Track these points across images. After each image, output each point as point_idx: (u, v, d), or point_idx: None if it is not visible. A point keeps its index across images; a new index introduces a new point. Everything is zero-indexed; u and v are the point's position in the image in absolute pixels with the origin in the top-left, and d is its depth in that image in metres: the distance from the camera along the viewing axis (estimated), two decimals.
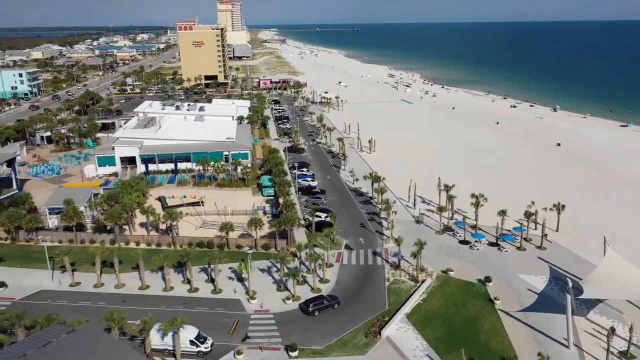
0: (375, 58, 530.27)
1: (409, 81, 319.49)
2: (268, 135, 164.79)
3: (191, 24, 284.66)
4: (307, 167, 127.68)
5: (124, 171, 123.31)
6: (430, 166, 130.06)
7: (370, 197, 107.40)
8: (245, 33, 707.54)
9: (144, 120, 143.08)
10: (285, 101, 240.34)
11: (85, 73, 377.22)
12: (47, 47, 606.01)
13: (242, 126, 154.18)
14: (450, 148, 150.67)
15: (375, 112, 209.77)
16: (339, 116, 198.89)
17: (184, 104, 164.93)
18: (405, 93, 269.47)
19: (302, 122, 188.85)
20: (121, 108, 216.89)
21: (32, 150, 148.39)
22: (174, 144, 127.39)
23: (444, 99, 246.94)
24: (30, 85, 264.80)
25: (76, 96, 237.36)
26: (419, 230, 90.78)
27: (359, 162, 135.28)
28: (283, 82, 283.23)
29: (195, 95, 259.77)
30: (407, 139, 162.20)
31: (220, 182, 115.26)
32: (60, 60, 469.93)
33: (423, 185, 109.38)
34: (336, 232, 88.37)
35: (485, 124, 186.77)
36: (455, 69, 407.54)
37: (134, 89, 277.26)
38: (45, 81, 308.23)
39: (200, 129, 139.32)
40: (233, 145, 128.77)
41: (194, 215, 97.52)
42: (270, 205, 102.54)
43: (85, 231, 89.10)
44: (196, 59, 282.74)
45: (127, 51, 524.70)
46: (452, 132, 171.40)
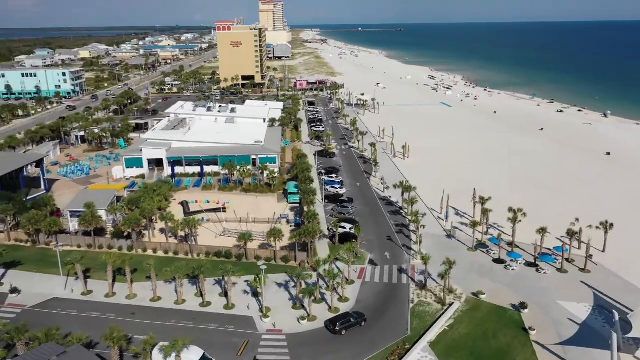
0: (417, 59, 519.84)
1: (450, 83, 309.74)
2: (299, 138, 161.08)
3: (230, 24, 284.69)
4: (336, 173, 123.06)
5: (150, 173, 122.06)
6: (466, 174, 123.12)
7: (400, 207, 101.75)
8: (286, 33, 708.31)
9: (174, 121, 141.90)
10: (320, 103, 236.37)
11: (127, 72, 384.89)
12: (95, 47, 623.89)
13: (273, 129, 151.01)
14: (489, 155, 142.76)
15: (412, 116, 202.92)
16: (375, 119, 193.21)
17: (216, 105, 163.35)
18: (445, 96, 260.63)
19: (336, 125, 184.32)
20: (158, 108, 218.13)
21: (67, 150, 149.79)
22: (201, 147, 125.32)
23: (486, 103, 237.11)
24: (73, 84, 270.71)
25: (116, 95, 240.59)
26: (450, 246, 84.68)
27: (391, 168, 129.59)
28: (320, 83, 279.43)
29: (232, 95, 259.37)
30: (443, 144, 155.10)
31: (245, 187, 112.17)
32: (105, 59, 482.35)
33: (458, 195, 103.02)
34: (360, 245, 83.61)
35: (528, 130, 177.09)
36: (499, 71, 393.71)
37: (172, 88, 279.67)
38: (88, 80, 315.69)
39: (230, 132, 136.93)
40: (261, 149, 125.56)
41: (215, 222, 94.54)
42: (294, 213, 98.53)
43: (104, 236, 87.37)
44: (234, 59, 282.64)
45: (170, 51, 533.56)
46: (492, 138, 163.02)
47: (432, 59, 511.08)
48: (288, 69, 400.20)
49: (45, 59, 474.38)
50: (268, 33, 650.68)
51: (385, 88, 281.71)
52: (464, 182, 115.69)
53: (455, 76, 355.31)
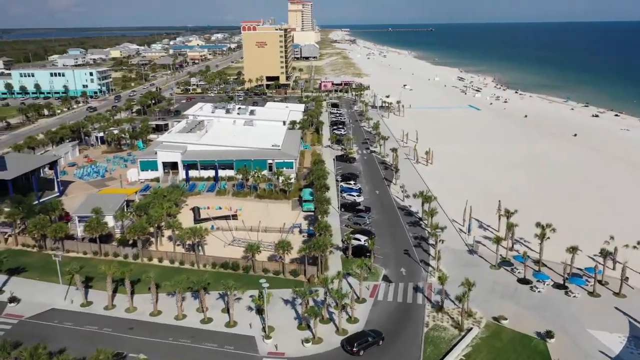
0: (447, 60, 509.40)
1: (479, 85, 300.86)
2: (320, 141, 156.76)
3: (255, 24, 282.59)
4: (355, 180, 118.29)
5: (165, 176, 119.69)
6: (492, 183, 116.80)
7: (420, 218, 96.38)
8: (314, 33, 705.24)
9: (192, 123, 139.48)
10: (344, 104, 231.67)
11: (155, 72, 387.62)
12: (125, 47, 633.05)
13: (292, 132, 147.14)
14: (518, 163, 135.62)
15: (439, 119, 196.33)
16: (399, 122, 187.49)
17: (235, 107, 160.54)
18: (474, 98, 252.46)
19: (359, 128, 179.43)
20: (181, 108, 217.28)
21: (86, 151, 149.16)
22: (217, 150, 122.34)
23: (516, 106, 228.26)
24: (99, 84, 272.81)
25: (140, 95, 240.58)
26: (471, 263, 79.07)
27: (413, 175, 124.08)
28: (345, 85, 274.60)
29: (255, 96, 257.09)
30: (469, 150, 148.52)
31: (260, 193, 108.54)
32: (135, 59, 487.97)
33: (482, 206, 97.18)
34: (375, 259, 78.82)
35: (561, 136, 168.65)
36: (532, 72, 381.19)
37: (196, 89, 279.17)
38: (115, 80, 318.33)
39: (247, 135, 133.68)
40: (278, 153, 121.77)
41: (225, 230, 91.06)
42: (308, 222, 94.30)
43: (111, 243, 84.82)
44: (259, 59, 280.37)
45: (198, 51, 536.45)
46: (521, 144, 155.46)
47: (462, 60, 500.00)
48: (314, 70, 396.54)
49: (77, 59, 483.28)
50: (296, 33, 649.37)
51: (412, 90, 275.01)
52: (489, 192, 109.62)
53: (486, 78, 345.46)
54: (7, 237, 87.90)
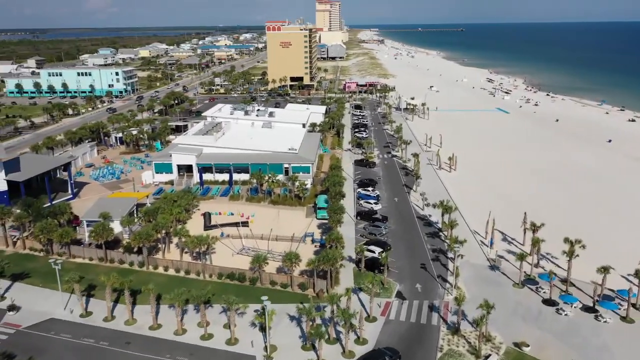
0: (476, 60, 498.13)
1: (509, 87, 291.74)
2: (340, 145, 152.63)
3: (280, 24, 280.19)
4: (373, 186, 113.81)
5: (180, 179, 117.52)
6: (518, 193, 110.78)
7: (440, 229, 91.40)
8: (341, 33, 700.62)
9: (209, 125, 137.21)
10: (368, 106, 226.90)
11: (181, 72, 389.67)
12: (154, 46, 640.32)
13: (311, 135, 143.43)
14: (547, 171, 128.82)
15: (465, 122, 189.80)
16: (423, 126, 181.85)
17: (255, 108, 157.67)
18: (503, 101, 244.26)
19: (381, 131, 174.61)
20: (203, 109, 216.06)
21: (104, 152, 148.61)
22: (232, 153, 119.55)
23: (547, 109, 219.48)
24: (125, 83, 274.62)
25: (163, 96, 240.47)
26: (493, 280, 73.89)
27: (435, 182, 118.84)
28: (370, 86, 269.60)
29: (279, 97, 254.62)
30: (495, 156, 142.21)
31: (274, 199, 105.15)
32: (162, 59, 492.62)
33: (507, 218, 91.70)
34: (389, 274, 74.48)
35: (594, 142, 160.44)
36: (564, 74, 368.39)
37: (219, 89, 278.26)
38: (141, 80, 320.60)
39: (265, 137, 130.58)
40: (294, 157, 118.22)
41: (234, 238, 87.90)
42: (322, 231, 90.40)
43: (118, 249, 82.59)
44: (283, 59, 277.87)
45: (225, 50, 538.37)
46: (551, 151, 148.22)
47: (492, 61, 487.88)
48: (340, 70, 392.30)
49: (107, 58, 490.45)
50: (323, 33, 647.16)
51: (438, 91, 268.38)
52: (515, 201, 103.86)
53: (516, 79, 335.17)
54: (15, 241, 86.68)
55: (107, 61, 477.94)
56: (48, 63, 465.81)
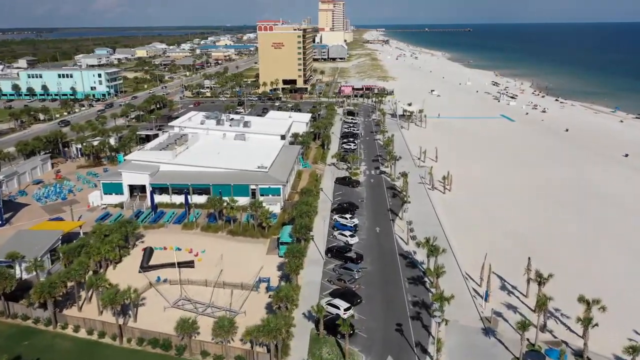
0: (482, 62, 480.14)
1: (515, 91, 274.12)
2: (324, 158, 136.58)
3: (272, 24, 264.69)
4: (353, 212, 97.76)
5: (131, 202, 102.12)
6: (523, 222, 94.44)
7: (424, 273, 75.26)
8: (343, 33, 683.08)
9: (173, 137, 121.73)
10: (362, 112, 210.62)
11: (174, 73, 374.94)
12: (153, 46, 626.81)
13: (290, 148, 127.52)
14: (557, 192, 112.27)
15: (465, 132, 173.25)
16: (419, 135, 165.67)
17: (229, 116, 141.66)
18: (508, 107, 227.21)
19: (372, 142, 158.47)
20: (196, 111, 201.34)
21: (60, 165, 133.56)
22: (192, 172, 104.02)
23: (556, 116, 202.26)
24: (108, 86, 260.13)
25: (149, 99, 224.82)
26: (486, 352, 57.71)
27: (426, 206, 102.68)
28: (366, 89, 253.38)
29: (269, 101, 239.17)
30: (497, 173, 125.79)
31: (234, 229, 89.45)
32: (158, 59, 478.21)
33: (507, 257, 75.96)
34: (354, 337, 58.58)
35: (609, 156, 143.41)
36: (574, 77, 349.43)
37: (206, 92, 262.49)
38: (128, 82, 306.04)
39: (234, 152, 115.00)
40: (263, 177, 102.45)
41: (173, 283, 72.25)
42: (281, 274, 74.59)
43: (20, 302, 66.90)
44: (275, 61, 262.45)
45: (222, 51, 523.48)
46: (562, 167, 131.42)
47: (499, 62, 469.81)
48: (339, 72, 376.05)
49: (101, 58, 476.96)
50: (324, 33, 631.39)
51: (439, 96, 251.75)
52: (519, 235, 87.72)
53: (522, 83, 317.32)
54: None
55: (100, 61, 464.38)
56: (42, 63, 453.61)
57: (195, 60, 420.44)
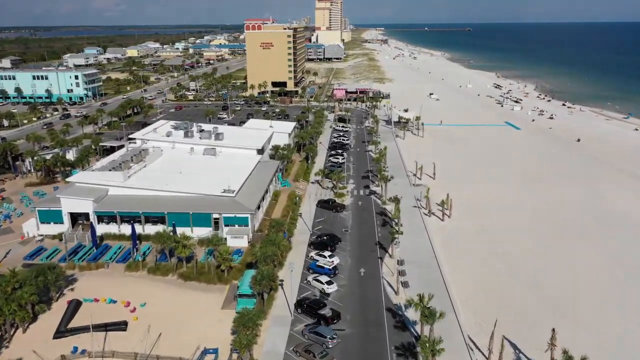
0: (482, 62, 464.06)
1: (518, 95, 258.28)
2: (307, 175, 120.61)
3: (260, 22, 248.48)
4: (333, 247, 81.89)
5: (73, 232, 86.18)
6: (540, 263, 78.65)
7: (418, 337, 59.36)
8: (340, 32, 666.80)
9: (132, 152, 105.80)
10: (355, 118, 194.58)
11: (162, 74, 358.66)
12: (145, 46, 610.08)
13: (267, 165, 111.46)
14: (573, 218, 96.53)
15: (467, 142, 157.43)
16: (416, 145, 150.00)
17: (200, 127, 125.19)
18: (513, 112, 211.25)
19: (364, 154, 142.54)
20: (166, 120, 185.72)
21: (11, 182, 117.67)
22: (146, 196, 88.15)
23: (565, 124, 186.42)
24: (86, 88, 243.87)
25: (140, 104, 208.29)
26: None
27: (421, 237, 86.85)
28: (360, 93, 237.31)
29: (256, 105, 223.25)
30: (503, 194, 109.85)
31: (186, 272, 73.62)
32: (147, 59, 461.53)
33: (523, 313, 60.13)
34: None
35: (629, 173, 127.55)
36: (580, 79, 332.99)
37: (187, 96, 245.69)
38: (109, 83, 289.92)
39: (200, 171, 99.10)
40: (229, 204, 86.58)
41: (96, 356, 56.33)
42: (236, 340, 58.58)
43: None
44: (263, 62, 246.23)
45: (215, 50, 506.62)
46: (576, 186, 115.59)
47: (500, 63, 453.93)
48: (334, 73, 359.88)
49: (89, 58, 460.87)
50: (321, 32, 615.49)
51: (438, 100, 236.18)
52: (537, 283, 71.98)
53: (526, 85, 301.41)
54: None
55: (88, 61, 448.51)
56: (27, 63, 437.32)
57: (184, 61, 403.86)
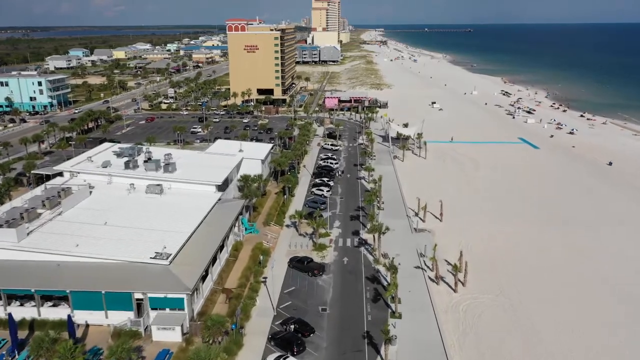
0: (486, 66, 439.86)
1: (530, 103, 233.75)
2: (281, 216, 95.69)
3: (244, 23, 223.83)
4: (300, 349, 57.31)
5: None
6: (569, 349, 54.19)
7: None
8: (337, 33, 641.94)
9: (48, 192, 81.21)
10: (347, 133, 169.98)
11: (145, 78, 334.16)
12: (134, 47, 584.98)
13: (226, 206, 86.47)
14: (629, 287, 72.16)
15: (478, 164, 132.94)
16: (418, 170, 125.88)
17: (149, 155, 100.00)
18: (527, 125, 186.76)
19: (355, 182, 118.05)
20: (132, 135, 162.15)
21: None
22: (45, 265, 63.67)
23: (589, 140, 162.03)
24: (51, 96, 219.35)
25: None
26: None
27: (426, 326, 62.30)
28: (355, 102, 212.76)
29: (239, 116, 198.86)
30: (530, 243, 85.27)
31: None
32: (132, 62, 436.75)
33: None
34: None
35: None
36: (595, 84, 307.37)
37: (160, 105, 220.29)
38: (83, 88, 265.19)
39: (134, 221, 74.54)
40: (161, 276, 62.02)
41: None
42: None
43: None
44: (248, 68, 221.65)
45: (204, 52, 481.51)
46: (619, 225, 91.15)
47: (505, 66, 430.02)
48: (328, 78, 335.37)
49: (71, 60, 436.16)
50: (316, 34, 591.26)
51: (442, 110, 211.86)
52: None
53: (537, 92, 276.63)
54: None
55: (70, 64, 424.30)
56: (7, 66, 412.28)
57: (169, 64, 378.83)
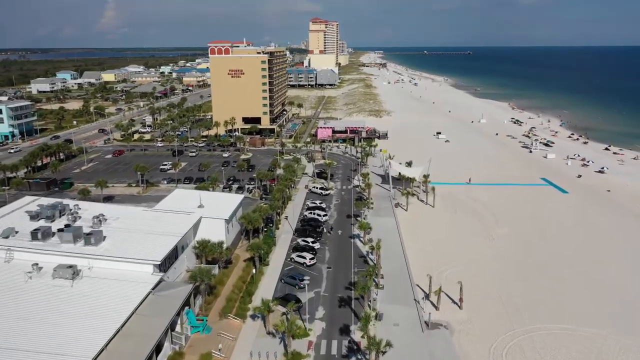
0: (490, 90, 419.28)
1: (544, 134, 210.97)
2: (244, 303, 71.06)
3: (228, 45, 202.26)
4: None
5: None
6: None
7: None
8: (335, 56, 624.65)
9: None
10: (340, 172, 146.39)
11: (129, 102, 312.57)
12: (124, 69, 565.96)
13: (164, 298, 62.16)
14: None
15: (499, 217, 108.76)
16: (427, 225, 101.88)
17: (75, 215, 76.32)
18: (547, 161, 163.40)
19: (348, 242, 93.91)
20: (90, 173, 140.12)
21: None
22: None
23: (623, 182, 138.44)
24: (12, 124, 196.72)
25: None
26: None
27: None
28: (351, 132, 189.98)
29: (220, 148, 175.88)
30: (583, 344, 60.84)
31: None
32: (119, 85, 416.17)
33: None
34: None
35: None
36: (613, 111, 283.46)
37: (132, 136, 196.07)
38: (52, 116, 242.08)
39: (22, 330, 50.32)
40: None
41: None
42: None
43: None
44: (232, 94, 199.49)
45: (196, 75, 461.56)
46: None
47: (509, 90, 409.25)
48: (324, 103, 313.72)
49: (55, 83, 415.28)
50: (313, 56, 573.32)
51: (448, 142, 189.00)
52: None
53: (550, 120, 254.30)
54: None
55: (54, 87, 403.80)
56: None
57: (155, 87, 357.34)
